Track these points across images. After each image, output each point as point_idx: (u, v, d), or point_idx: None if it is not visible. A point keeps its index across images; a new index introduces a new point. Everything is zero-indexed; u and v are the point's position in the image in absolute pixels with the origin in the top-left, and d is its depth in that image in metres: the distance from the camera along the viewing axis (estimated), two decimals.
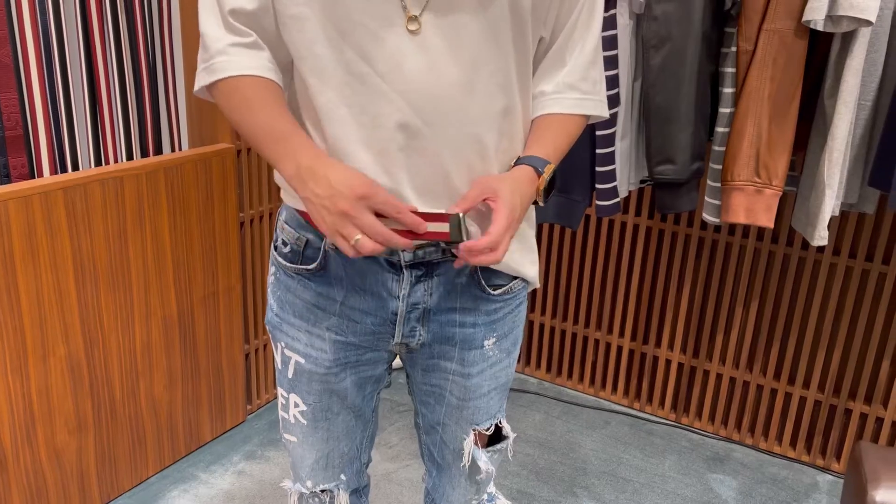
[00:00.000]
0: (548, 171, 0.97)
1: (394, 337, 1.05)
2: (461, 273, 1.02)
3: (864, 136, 1.59)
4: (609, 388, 2.45)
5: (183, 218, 1.88)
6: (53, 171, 1.79)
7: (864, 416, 2.07)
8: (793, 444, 2.20)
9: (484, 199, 0.91)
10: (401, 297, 1.01)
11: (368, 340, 1.05)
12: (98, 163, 1.86)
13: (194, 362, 2.01)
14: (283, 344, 1.08)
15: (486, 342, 1.07)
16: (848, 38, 1.47)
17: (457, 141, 0.93)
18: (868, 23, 1.39)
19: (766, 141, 1.57)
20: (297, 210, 1.02)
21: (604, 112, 1.05)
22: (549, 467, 2.10)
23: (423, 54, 0.89)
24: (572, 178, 1.76)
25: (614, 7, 1.61)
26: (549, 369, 2.55)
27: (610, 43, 1.62)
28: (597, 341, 2.43)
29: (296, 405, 1.10)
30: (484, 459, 1.15)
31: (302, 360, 1.06)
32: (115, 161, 1.89)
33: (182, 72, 1.98)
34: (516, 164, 0.97)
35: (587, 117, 1.05)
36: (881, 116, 1.55)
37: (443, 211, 0.90)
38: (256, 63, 0.93)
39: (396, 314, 1.02)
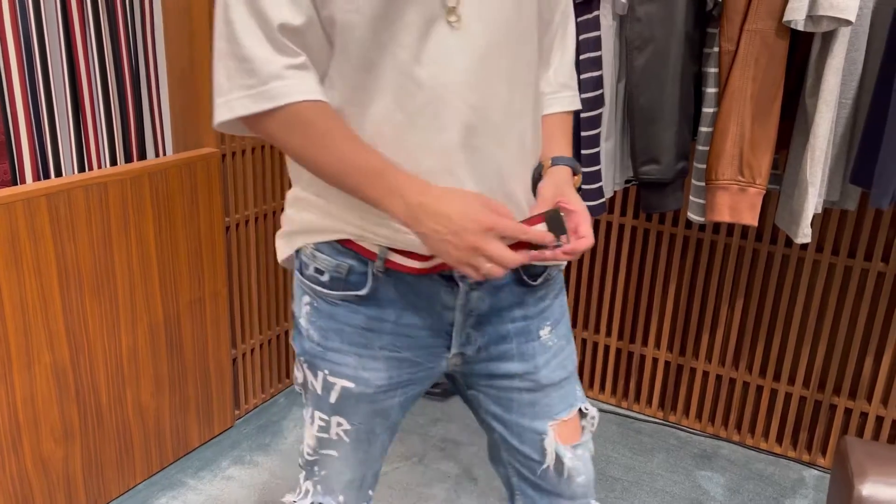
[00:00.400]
0: (579, 171, 1.02)
1: (450, 349, 1.03)
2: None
3: (846, 135, 1.61)
4: (597, 388, 2.46)
5: (168, 223, 1.87)
6: (36, 178, 1.78)
7: (848, 411, 2.09)
8: (779, 440, 2.22)
9: (556, 201, 0.95)
10: (456, 308, 1.00)
11: (423, 355, 1.03)
12: (81, 169, 1.85)
13: (181, 368, 2.00)
14: (325, 371, 1.04)
15: (541, 332, 1.06)
16: (828, 38, 1.49)
17: (506, 135, 0.93)
18: (848, 22, 1.41)
19: (749, 140, 1.58)
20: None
21: (580, 104, 1.11)
22: None
23: (470, 49, 0.88)
24: None
25: (597, 9, 1.62)
26: None
27: (594, 44, 1.63)
28: (584, 341, 2.44)
29: (339, 424, 1.07)
30: (569, 456, 1.07)
31: (351, 385, 1.03)
32: (99, 167, 1.88)
33: (165, 75, 1.97)
34: (553, 164, 1.00)
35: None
36: (862, 114, 1.57)
37: (536, 213, 0.92)
38: (315, 87, 0.88)
39: (452, 324, 1.01)
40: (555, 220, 0.90)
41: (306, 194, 1.00)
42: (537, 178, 1.01)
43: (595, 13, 1.61)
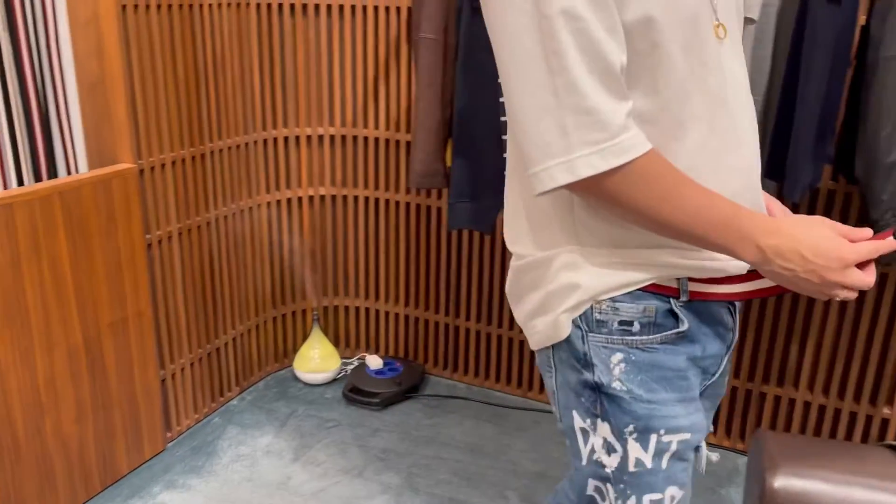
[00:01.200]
0: None
1: (714, 375, 1.00)
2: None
3: (759, 131, 1.64)
4: (537, 388, 2.47)
5: (83, 243, 1.80)
6: None
7: (777, 399, 2.14)
8: (713, 429, 2.26)
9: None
10: (735, 328, 0.99)
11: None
12: None
13: (105, 392, 1.93)
14: (661, 431, 0.93)
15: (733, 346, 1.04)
16: None
17: (756, 148, 0.94)
18: (752, 21, 1.44)
19: None
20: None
21: None
22: (480, 472, 2.10)
23: (735, 61, 0.89)
24: (484, 184, 1.77)
25: None
26: (476, 373, 2.55)
27: None
28: (521, 342, 2.44)
29: (672, 499, 0.96)
30: (705, 452, 1.02)
31: (688, 436, 0.95)
32: (5, 188, 1.79)
33: (74, 90, 1.89)
34: None
35: None
36: (772, 111, 1.60)
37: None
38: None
39: (729, 347, 1.00)
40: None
41: (594, 249, 0.92)
42: None
43: None
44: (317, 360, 2.48)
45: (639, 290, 0.91)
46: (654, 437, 0.93)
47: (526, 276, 0.98)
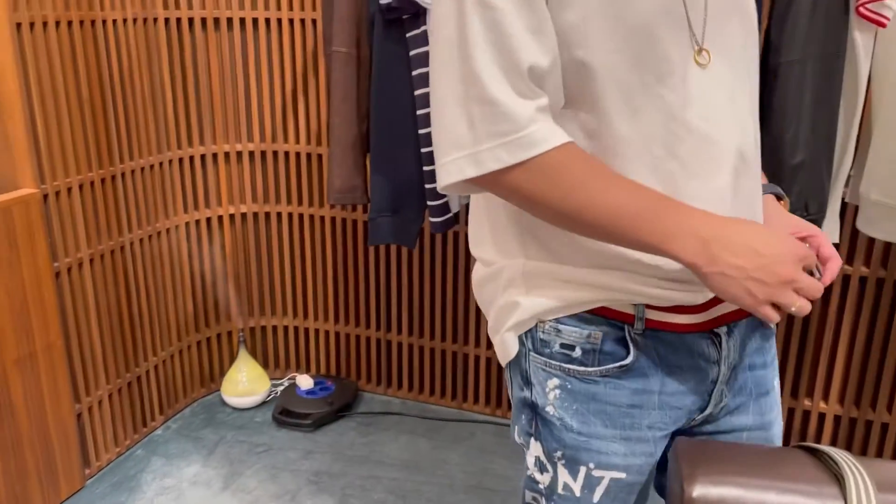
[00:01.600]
0: (784, 196, 0.96)
1: (703, 410, 0.91)
2: (750, 314, 0.90)
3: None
4: (471, 399, 2.45)
5: None
6: None
7: None
8: None
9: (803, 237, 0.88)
10: (721, 361, 0.88)
11: (684, 422, 0.91)
12: None
13: (14, 432, 1.82)
14: (591, 465, 0.89)
15: (774, 382, 0.95)
16: None
17: (758, 170, 0.87)
18: None
19: None
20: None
21: None
22: (416, 489, 2.07)
23: (721, 87, 0.82)
24: (404, 197, 1.74)
25: (425, 24, 1.60)
26: (410, 388, 2.52)
27: (424, 60, 1.61)
28: (454, 353, 2.43)
29: None
30: None
31: (622, 476, 0.89)
32: None
33: None
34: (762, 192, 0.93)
35: None
36: None
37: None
38: (562, 129, 0.78)
39: (716, 382, 0.89)
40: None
41: (539, 264, 0.86)
42: None
43: (423, 28, 1.59)
44: (245, 383, 2.41)
45: (587, 312, 0.86)
46: (583, 469, 0.89)
47: (484, 291, 0.95)
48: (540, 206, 0.79)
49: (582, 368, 0.86)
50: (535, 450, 0.93)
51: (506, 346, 0.92)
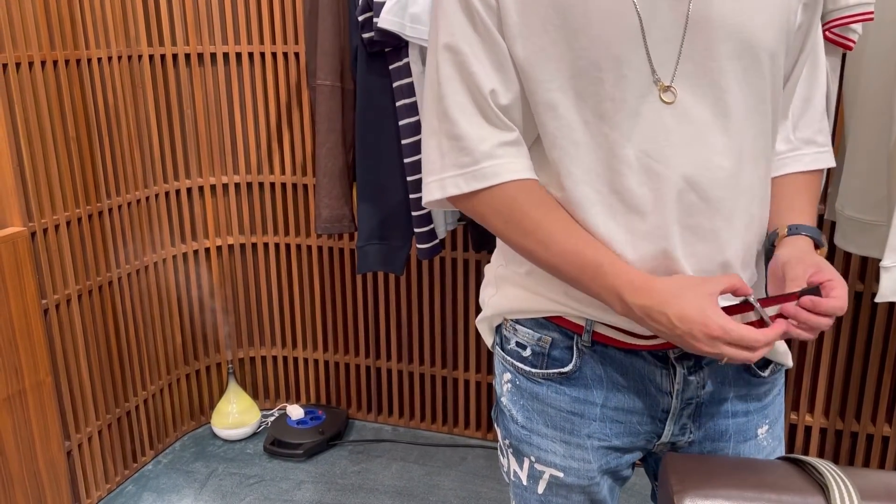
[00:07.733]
0: (823, 243, 0.90)
1: (660, 437, 0.95)
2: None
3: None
4: (462, 424, 2.46)
5: None
6: None
7: None
8: None
9: (810, 279, 0.83)
10: (674, 394, 0.92)
11: (632, 441, 0.95)
12: None
13: (5, 471, 1.80)
14: (532, 458, 0.96)
15: (759, 430, 0.97)
16: None
17: (733, 211, 0.85)
18: None
19: None
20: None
21: (832, 161, 0.98)
22: None
23: (685, 125, 0.82)
24: (390, 224, 1.77)
25: (407, 56, 1.64)
26: (401, 414, 2.52)
27: (408, 91, 1.64)
28: (444, 378, 2.44)
29: None
30: None
31: (561, 475, 0.95)
32: None
33: None
34: (790, 233, 0.89)
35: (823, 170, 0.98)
36: None
37: (789, 291, 0.83)
38: (527, 165, 0.86)
39: (668, 412, 0.93)
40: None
41: (511, 272, 0.96)
42: (769, 248, 0.91)
43: (405, 60, 1.63)
44: (235, 414, 2.40)
45: (543, 318, 0.93)
46: (526, 461, 0.98)
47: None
48: (496, 233, 0.90)
49: (528, 368, 0.95)
50: (496, 433, 1.04)
51: (483, 334, 1.05)
